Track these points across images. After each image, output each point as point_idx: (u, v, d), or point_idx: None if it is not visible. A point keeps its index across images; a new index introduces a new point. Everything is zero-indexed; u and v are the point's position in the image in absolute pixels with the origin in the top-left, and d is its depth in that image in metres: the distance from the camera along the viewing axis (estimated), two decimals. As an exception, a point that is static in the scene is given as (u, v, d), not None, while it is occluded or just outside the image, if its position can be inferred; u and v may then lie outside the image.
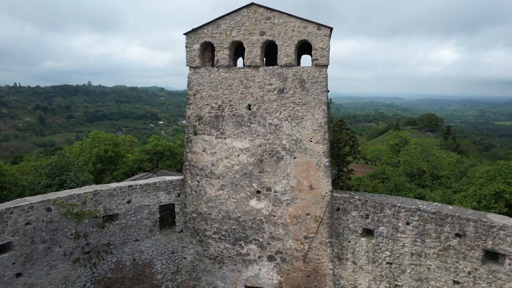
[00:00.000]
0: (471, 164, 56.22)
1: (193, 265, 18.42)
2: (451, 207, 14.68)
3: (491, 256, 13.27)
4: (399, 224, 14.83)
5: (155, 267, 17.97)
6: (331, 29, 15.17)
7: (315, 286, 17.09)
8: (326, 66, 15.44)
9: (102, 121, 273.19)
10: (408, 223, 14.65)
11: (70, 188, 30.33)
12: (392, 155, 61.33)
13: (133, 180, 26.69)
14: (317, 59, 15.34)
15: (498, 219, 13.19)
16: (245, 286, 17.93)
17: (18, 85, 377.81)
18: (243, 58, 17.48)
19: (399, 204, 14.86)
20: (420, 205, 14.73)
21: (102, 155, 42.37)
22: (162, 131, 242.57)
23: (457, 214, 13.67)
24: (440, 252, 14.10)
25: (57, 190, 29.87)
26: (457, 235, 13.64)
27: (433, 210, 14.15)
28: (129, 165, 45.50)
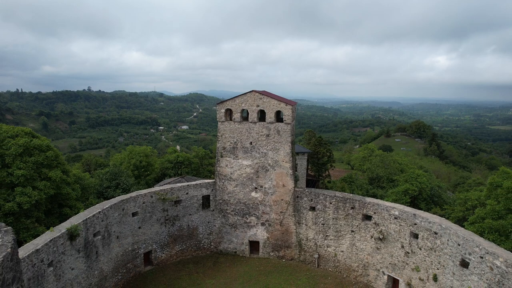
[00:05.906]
0: (425, 170, 71.35)
1: (219, 229, 32.90)
2: (351, 195, 29.32)
3: (367, 217, 27.85)
4: (326, 203, 29.44)
5: (199, 230, 32.42)
6: (292, 105, 29.79)
7: (286, 239, 31.66)
8: (290, 123, 30.04)
9: (103, 127, 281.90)
10: (330, 203, 29.26)
11: (123, 189, 44.72)
12: (363, 163, 76.23)
13: (166, 183, 40.89)
14: (285, 120, 29.99)
15: (369, 199, 27.87)
16: (249, 240, 32.46)
17: (20, 90, 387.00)
18: (247, 114, 31.99)
19: (326, 193, 29.48)
20: (337, 194, 29.33)
21: (138, 165, 56.60)
22: (163, 137, 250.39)
23: (352, 198, 28.31)
24: (345, 217, 28.72)
25: (114, 191, 43.98)
26: (352, 208, 28.27)
27: (341, 196, 28.79)
28: (156, 172, 59.59)
